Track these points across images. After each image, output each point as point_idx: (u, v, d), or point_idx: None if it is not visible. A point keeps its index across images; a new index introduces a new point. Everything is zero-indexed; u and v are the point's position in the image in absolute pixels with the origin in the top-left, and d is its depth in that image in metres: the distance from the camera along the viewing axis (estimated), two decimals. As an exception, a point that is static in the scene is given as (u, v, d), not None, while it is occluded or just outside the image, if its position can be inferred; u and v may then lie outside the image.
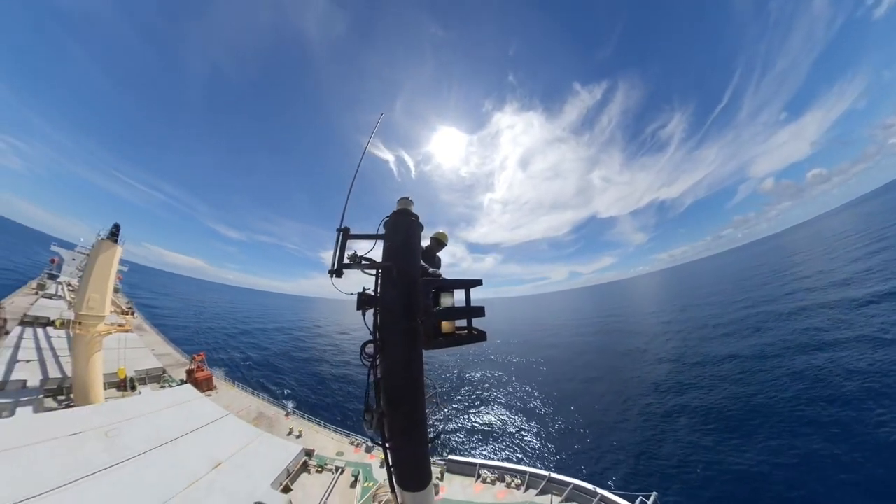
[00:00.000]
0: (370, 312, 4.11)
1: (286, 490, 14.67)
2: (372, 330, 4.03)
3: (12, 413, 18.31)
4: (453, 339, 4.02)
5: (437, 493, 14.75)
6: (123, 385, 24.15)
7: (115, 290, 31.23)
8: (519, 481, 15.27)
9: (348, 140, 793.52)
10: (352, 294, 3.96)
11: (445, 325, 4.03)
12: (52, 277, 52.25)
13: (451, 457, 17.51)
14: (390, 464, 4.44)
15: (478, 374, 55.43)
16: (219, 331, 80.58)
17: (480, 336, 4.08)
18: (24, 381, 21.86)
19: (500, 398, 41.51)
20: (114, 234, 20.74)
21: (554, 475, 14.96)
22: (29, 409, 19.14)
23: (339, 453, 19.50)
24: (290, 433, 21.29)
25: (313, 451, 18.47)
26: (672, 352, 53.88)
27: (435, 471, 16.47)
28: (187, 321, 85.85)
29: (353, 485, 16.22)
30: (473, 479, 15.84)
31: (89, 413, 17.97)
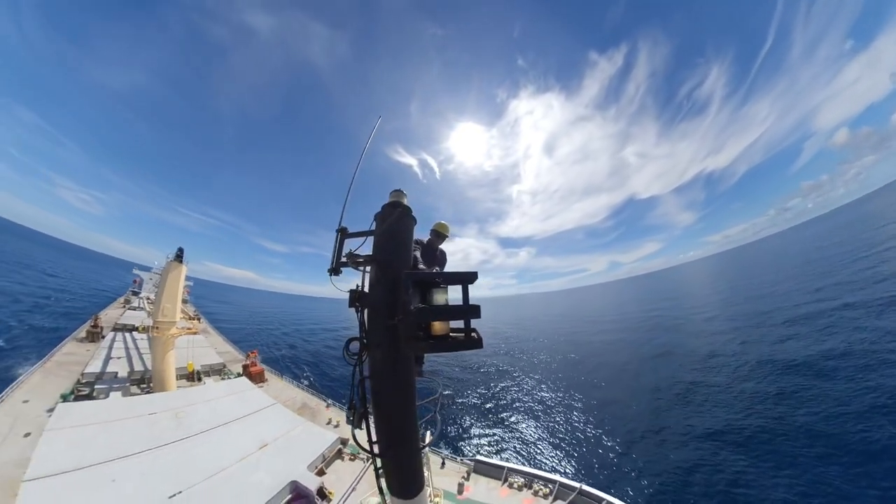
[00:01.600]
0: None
1: (320, 473, 16.03)
2: (360, 328, 3.78)
3: (107, 396, 22.14)
4: (440, 344, 3.44)
5: (461, 493, 14.86)
6: (191, 377, 27.97)
7: (184, 301, 36.33)
8: (547, 490, 14.71)
9: (372, 145, 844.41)
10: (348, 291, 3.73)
11: (438, 327, 3.51)
12: (135, 294, 65.66)
13: (478, 457, 17.23)
14: (377, 466, 4.21)
15: (507, 372, 52.58)
16: (268, 332, 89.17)
17: (473, 343, 3.33)
18: (116, 373, 26.24)
19: (530, 399, 39.39)
20: (179, 257, 24.89)
21: (586, 488, 14.21)
22: (119, 393, 22.97)
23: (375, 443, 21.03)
24: (328, 423, 23.04)
25: (348, 440, 19.82)
26: (723, 355, 44.70)
27: (461, 470, 16.66)
28: (242, 324, 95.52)
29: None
30: (500, 483, 15.41)
31: (163, 398, 21.53)
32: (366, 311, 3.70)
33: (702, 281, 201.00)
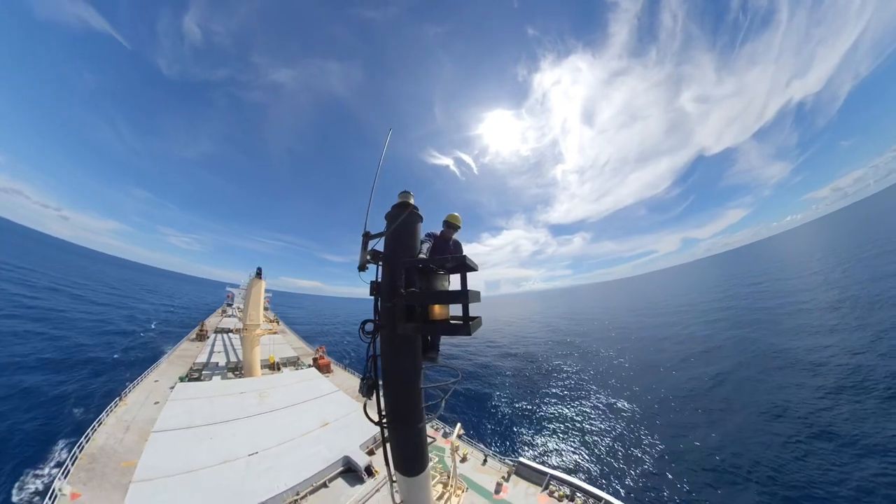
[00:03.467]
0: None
1: (370, 453, 17.29)
2: (374, 311, 4.24)
3: (210, 379, 27.21)
4: (428, 327, 3.76)
5: (497, 493, 14.26)
6: (272, 367, 32.73)
7: (265, 308, 44.22)
8: None
9: (406, 155, 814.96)
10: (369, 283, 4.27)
11: (437, 311, 3.78)
12: (229, 305, 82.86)
13: (521, 459, 16.28)
14: (384, 437, 4.38)
15: (557, 370, 47.95)
16: (333, 331, 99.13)
17: (459, 328, 3.48)
18: (217, 363, 31.95)
19: (580, 403, 34.49)
20: (258, 274, 30.71)
21: None
22: (219, 377, 28.04)
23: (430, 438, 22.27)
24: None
25: None
26: (836, 365, 32.20)
27: (502, 470, 16.20)
28: (312, 325, 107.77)
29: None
30: (540, 489, 14.46)
31: (250, 382, 26.03)
32: (380, 300, 4.21)
33: (805, 254, 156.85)
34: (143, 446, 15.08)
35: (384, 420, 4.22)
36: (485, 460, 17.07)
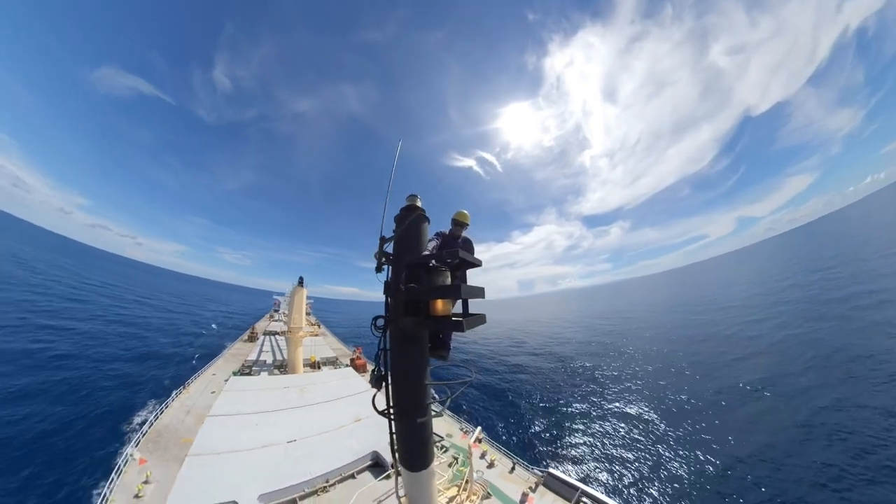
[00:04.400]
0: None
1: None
2: (385, 308, 4.40)
3: (258, 374, 29.63)
4: (425, 322, 3.87)
5: (524, 503, 13.92)
6: (313, 365, 34.78)
7: (307, 313, 48.24)
8: None
9: (428, 161, 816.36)
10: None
11: (440, 308, 3.86)
12: (276, 311, 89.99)
13: (552, 470, 15.51)
14: (391, 430, 4.46)
15: (593, 372, 44.67)
16: (369, 334, 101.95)
17: (457, 324, 3.60)
18: (265, 361, 34.67)
19: (619, 413, 31.49)
20: (300, 283, 33.98)
21: None
22: (266, 373, 30.53)
23: (448, 435, 20.97)
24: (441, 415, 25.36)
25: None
26: None
27: (530, 480, 15.62)
28: (350, 328, 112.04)
29: (451, 465, 16.38)
30: None
31: (293, 378, 27.93)
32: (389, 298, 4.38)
33: (893, 223, 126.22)
34: (200, 427, 17.00)
35: (391, 412, 4.28)
36: (512, 468, 16.46)
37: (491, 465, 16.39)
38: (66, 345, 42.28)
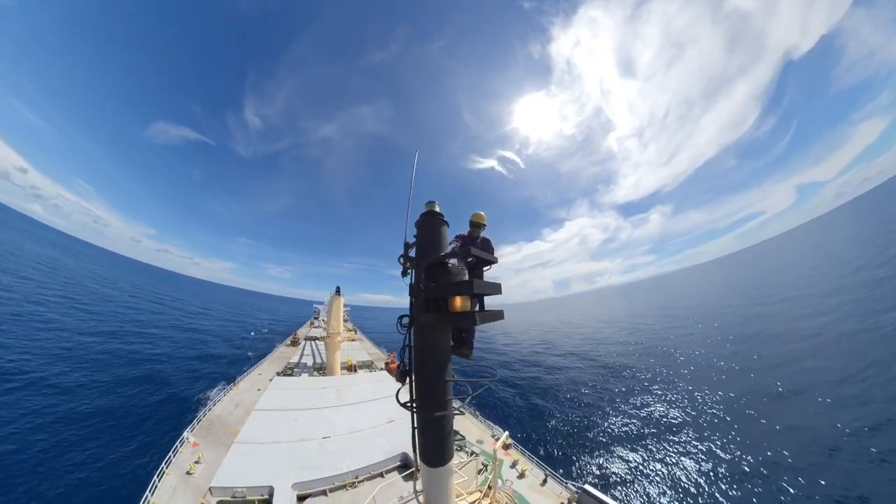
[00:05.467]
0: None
1: None
2: (410, 307, 4.68)
3: (299, 375, 31.37)
4: (442, 316, 4.03)
5: None
6: (350, 368, 36.19)
7: (345, 320, 51.32)
8: None
9: (450, 168, 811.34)
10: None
11: (459, 304, 3.98)
12: (316, 318, 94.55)
13: (587, 487, 14.50)
14: (413, 425, 4.55)
15: (632, 376, 41.39)
16: (403, 339, 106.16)
17: (468, 317, 3.79)
18: (305, 363, 36.66)
19: (671, 418, 28.06)
20: (337, 292, 35.47)
21: None
22: (306, 374, 32.26)
23: (479, 441, 20.81)
24: (463, 414, 25.47)
25: (457, 432, 21.62)
26: None
27: (563, 495, 14.80)
28: (384, 333, 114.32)
29: (480, 472, 15.80)
30: None
31: (331, 380, 29.18)
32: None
33: None
34: (246, 419, 18.45)
35: (413, 405, 4.47)
36: (544, 480, 15.64)
37: (522, 476, 15.74)
38: (149, 346, 49.83)
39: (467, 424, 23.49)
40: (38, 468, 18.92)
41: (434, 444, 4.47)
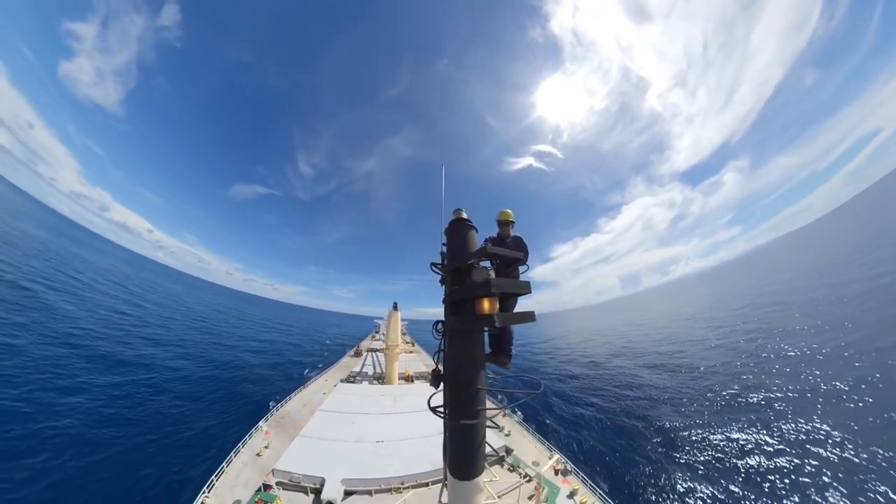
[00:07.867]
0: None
1: None
2: (444, 313, 4.67)
3: (361, 383, 33.18)
4: (468, 318, 3.96)
5: None
6: (407, 378, 37.36)
7: (403, 333, 54.02)
8: None
9: (488, 174, 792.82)
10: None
11: (487, 306, 3.87)
12: (377, 332, 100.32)
13: None
14: (445, 432, 4.37)
15: (724, 387, 34.53)
16: None
17: (488, 319, 3.68)
18: (367, 372, 38.73)
19: (770, 440, 23.09)
20: (395, 307, 37.30)
21: None
22: (367, 382, 34.00)
23: (535, 463, 19.44)
24: (501, 429, 24.32)
25: (512, 450, 20.35)
26: None
27: None
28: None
29: (532, 497, 14.28)
30: None
31: (389, 388, 30.62)
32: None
33: None
34: (311, 417, 20.38)
35: (445, 412, 4.23)
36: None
37: None
38: (248, 356, 61.90)
39: (524, 444, 22.06)
40: (183, 418, 29.45)
41: (463, 456, 4.19)
